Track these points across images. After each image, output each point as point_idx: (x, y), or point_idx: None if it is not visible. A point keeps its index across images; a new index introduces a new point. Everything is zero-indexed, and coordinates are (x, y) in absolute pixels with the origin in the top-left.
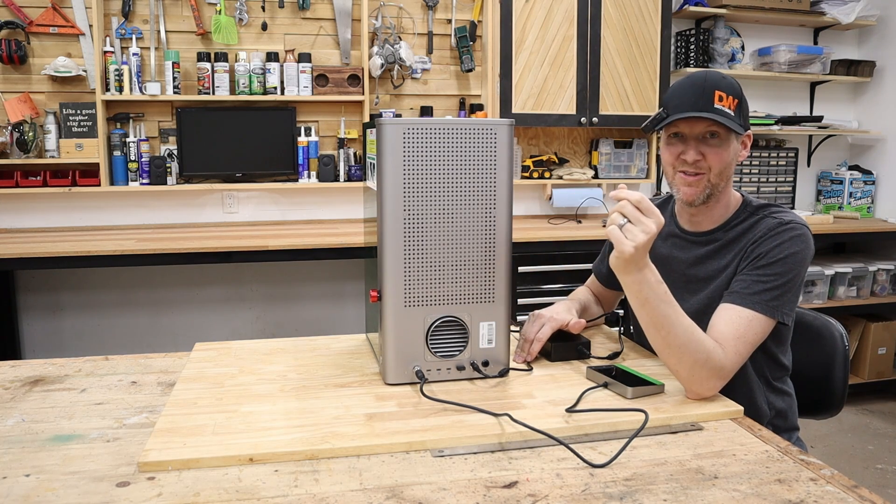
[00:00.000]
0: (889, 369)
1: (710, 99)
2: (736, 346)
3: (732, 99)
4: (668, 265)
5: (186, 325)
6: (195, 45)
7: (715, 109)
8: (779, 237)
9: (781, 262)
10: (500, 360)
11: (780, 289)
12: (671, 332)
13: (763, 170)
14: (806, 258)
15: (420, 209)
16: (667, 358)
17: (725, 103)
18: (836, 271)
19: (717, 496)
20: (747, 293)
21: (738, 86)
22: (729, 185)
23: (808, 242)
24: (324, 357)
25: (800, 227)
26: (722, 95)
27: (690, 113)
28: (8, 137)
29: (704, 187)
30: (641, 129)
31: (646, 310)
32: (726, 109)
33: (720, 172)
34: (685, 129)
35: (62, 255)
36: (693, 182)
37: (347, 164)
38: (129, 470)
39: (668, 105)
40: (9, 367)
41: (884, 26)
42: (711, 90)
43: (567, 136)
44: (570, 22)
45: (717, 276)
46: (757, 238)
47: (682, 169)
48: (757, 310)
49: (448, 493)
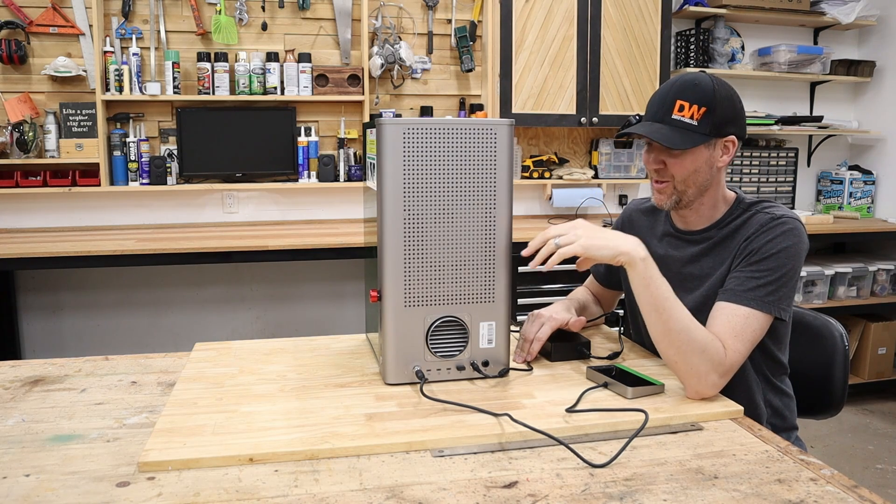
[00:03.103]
0: (889, 369)
1: (670, 109)
2: (734, 345)
3: (698, 107)
4: (664, 264)
5: (186, 325)
6: (195, 45)
7: (671, 121)
8: (771, 232)
9: (775, 257)
10: (500, 360)
11: (774, 284)
12: (672, 316)
13: (763, 170)
14: (799, 252)
15: (420, 209)
16: (666, 347)
17: (687, 113)
18: (836, 271)
19: (717, 496)
20: (742, 290)
21: (714, 92)
22: (713, 187)
23: (800, 236)
24: (324, 357)
25: (791, 220)
26: (684, 105)
27: (637, 128)
28: (8, 137)
29: (671, 194)
30: (615, 136)
31: (650, 291)
32: (685, 119)
33: (684, 180)
34: (646, 137)
35: (62, 255)
36: (660, 189)
37: (347, 164)
38: (129, 470)
39: (646, 111)
40: (9, 367)
41: (884, 26)
42: (673, 100)
43: (567, 136)
44: (570, 22)
45: (712, 274)
46: (749, 234)
47: (651, 175)
48: (753, 306)
49: (448, 493)
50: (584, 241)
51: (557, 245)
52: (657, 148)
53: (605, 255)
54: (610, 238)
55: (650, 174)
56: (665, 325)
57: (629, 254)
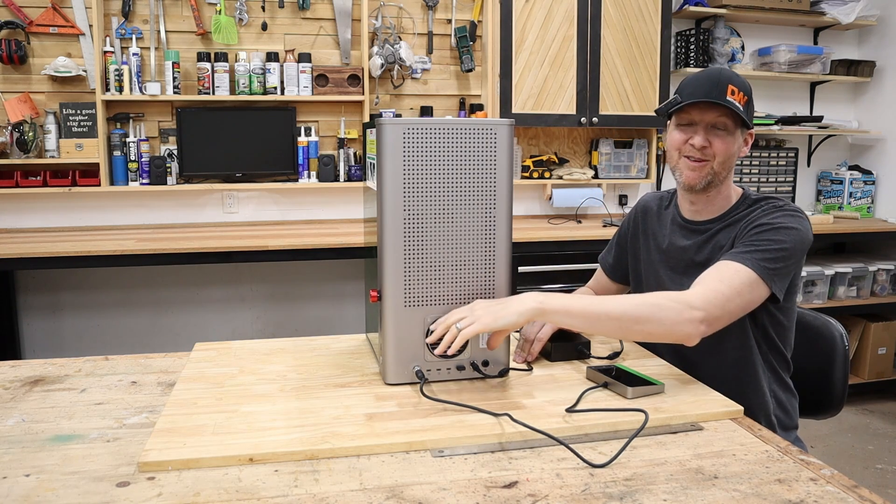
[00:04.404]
0: (889, 369)
1: (724, 91)
2: (715, 286)
3: (742, 95)
4: (669, 253)
5: (186, 325)
6: (195, 45)
7: (727, 101)
8: (776, 212)
9: (776, 231)
10: (500, 360)
11: (773, 253)
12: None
13: (763, 170)
14: (804, 239)
15: (420, 209)
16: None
17: (736, 98)
18: (836, 271)
19: (717, 496)
20: (738, 252)
21: (749, 86)
22: (730, 176)
23: (805, 225)
24: (324, 357)
25: (799, 211)
26: (734, 90)
27: (704, 99)
28: (8, 137)
29: (707, 174)
30: (655, 111)
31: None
32: (737, 103)
33: (723, 162)
34: (696, 116)
35: (62, 255)
36: (697, 167)
37: (347, 164)
38: (129, 470)
39: (683, 93)
40: (9, 367)
41: (884, 26)
42: (726, 83)
43: (567, 136)
44: (570, 22)
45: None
46: (753, 219)
47: (688, 154)
48: (748, 265)
49: (448, 493)
50: (483, 319)
51: (459, 328)
52: (704, 127)
53: (511, 321)
54: (507, 305)
55: (684, 153)
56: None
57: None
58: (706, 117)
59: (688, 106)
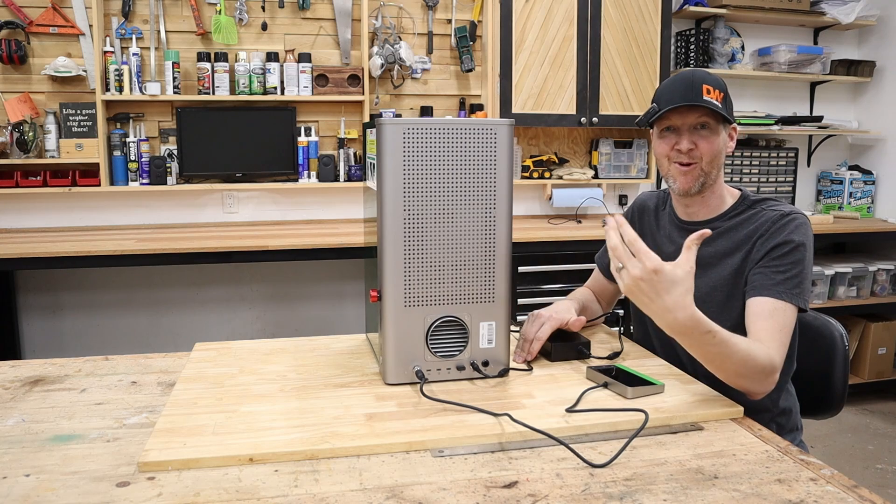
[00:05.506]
0: (889, 369)
1: (700, 91)
2: (781, 338)
3: (718, 92)
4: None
5: (186, 325)
6: (195, 45)
7: (704, 101)
8: (785, 229)
9: (793, 252)
10: (500, 360)
11: (797, 277)
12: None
13: (763, 170)
14: (812, 246)
15: (420, 209)
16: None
17: (713, 96)
18: (836, 271)
19: (717, 496)
20: (771, 284)
21: (723, 83)
22: (720, 174)
23: (809, 231)
24: (324, 357)
25: (801, 216)
26: (709, 89)
27: (682, 103)
28: (8, 137)
29: (698, 175)
30: (636, 123)
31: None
32: (714, 101)
33: (712, 161)
34: (677, 120)
35: (62, 255)
36: (688, 171)
37: (347, 164)
38: (129, 470)
39: (660, 100)
40: (9, 367)
41: (884, 26)
42: (700, 83)
43: (567, 136)
44: (570, 22)
45: (716, 263)
46: (763, 233)
47: (677, 160)
48: (784, 299)
49: (448, 493)
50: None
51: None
52: (687, 130)
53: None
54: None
55: (673, 159)
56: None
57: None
58: (688, 120)
59: (668, 112)
